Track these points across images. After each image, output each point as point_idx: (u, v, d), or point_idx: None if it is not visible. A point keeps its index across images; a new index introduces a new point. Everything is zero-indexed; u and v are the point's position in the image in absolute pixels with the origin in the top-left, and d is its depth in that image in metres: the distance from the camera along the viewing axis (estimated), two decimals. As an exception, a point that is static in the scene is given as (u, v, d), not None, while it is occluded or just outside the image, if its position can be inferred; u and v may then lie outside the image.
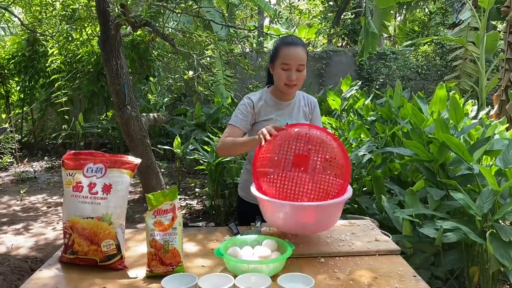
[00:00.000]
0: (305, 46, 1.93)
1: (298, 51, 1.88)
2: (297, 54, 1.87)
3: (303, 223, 1.51)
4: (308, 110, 2.06)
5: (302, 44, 1.92)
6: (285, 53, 1.88)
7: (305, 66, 1.91)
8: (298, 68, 1.88)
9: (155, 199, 1.39)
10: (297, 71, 1.89)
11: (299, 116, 2.03)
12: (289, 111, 2.02)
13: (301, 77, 1.91)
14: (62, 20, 6.59)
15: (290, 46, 1.88)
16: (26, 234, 4.11)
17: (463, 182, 2.33)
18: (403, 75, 8.87)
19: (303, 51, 1.90)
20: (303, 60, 1.89)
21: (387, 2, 6.56)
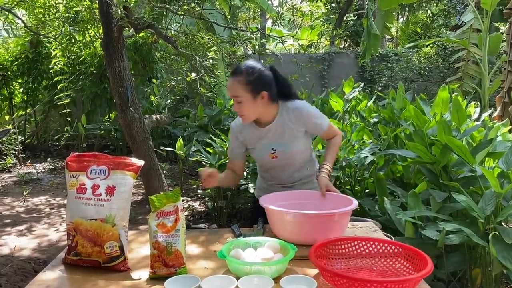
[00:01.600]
0: (242, 74, 1.79)
1: (231, 82, 1.81)
2: (229, 86, 1.81)
3: (311, 233, 1.52)
4: (296, 126, 1.90)
5: (238, 73, 1.80)
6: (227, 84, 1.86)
7: (241, 97, 1.79)
8: (235, 99, 1.81)
9: (158, 201, 1.40)
10: (236, 102, 1.81)
11: (283, 137, 1.91)
12: (272, 136, 1.92)
13: (241, 107, 1.81)
14: (65, 22, 6.62)
15: (230, 76, 1.83)
16: (29, 236, 4.12)
17: (466, 184, 2.33)
18: (406, 77, 8.87)
19: (237, 81, 1.79)
20: (234, 92, 1.79)
21: (389, 3, 6.56)
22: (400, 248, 1.38)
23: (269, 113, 1.90)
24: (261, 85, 1.81)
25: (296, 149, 1.94)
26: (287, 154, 1.93)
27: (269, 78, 1.85)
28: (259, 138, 1.95)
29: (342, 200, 1.72)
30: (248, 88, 1.78)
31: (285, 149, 1.92)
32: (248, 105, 1.81)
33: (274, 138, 1.92)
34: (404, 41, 13.09)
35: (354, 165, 3.11)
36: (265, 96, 1.82)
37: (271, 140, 1.93)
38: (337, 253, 1.42)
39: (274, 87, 1.86)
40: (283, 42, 5.13)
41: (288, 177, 2.01)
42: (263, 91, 1.81)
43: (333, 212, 1.56)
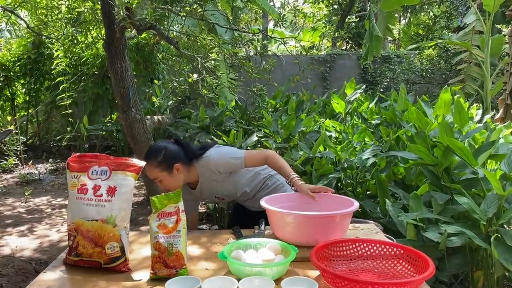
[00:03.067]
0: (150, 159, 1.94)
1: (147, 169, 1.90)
2: (147, 172, 1.95)
3: (312, 235, 1.52)
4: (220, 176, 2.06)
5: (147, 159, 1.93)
6: None
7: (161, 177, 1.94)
8: (156, 180, 1.98)
9: (159, 201, 1.40)
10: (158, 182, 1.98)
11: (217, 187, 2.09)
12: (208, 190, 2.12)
13: (166, 184, 1.97)
14: (67, 23, 6.63)
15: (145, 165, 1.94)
16: (30, 236, 4.12)
17: (468, 186, 2.32)
18: (408, 78, 8.86)
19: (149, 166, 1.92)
20: (152, 176, 1.96)
21: (391, 5, 6.55)
22: (402, 250, 1.37)
23: (192, 176, 2.06)
24: (171, 160, 1.97)
25: (235, 188, 2.12)
26: (229, 194, 2.14)
27: (175, 151, 2.02)
28: (199, 196, 2.19)
29: (343, 202, 1.72)
30: (161, 168, 1.94)
31: (226, 193, 2.13)
32: (169, 181, 1.97)
33: (210, 191, 2.14)
34: (406, 42, 13.07)
35: (355, 167, 3.11)
36: (179, 167, 1.98)
37: (209, 193, 2.15)
38: (338, 254, 1.42)
39: (183, 155, 2.02)
40: (285, 44, 5.13)
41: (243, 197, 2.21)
42: (175, 164, 1.97)
43: (334, 214, 1.56)
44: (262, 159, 2.02)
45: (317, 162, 3.17)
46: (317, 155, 3.20)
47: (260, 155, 2.03)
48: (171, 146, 2.01)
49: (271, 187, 2.19)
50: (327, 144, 3.20)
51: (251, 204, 2.25)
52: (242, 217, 2.22)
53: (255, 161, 2.04)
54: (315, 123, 4.22)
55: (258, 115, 5.57)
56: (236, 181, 2.11)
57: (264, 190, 2.19)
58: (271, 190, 2.17)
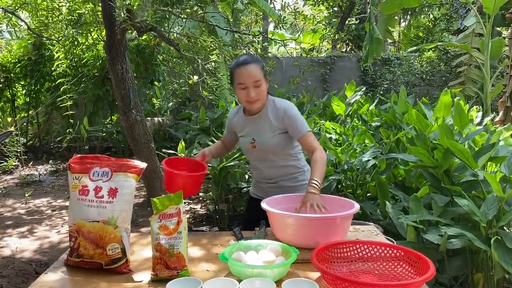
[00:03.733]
0: (258, 62, 1.95)
1: (250, 69, 1.91)
2: (249, 72, 1.91)
3: (313, 236, 1.52)
4: (278, 124, 1.98)
5: (254, 61, 1.94)
6: (239, 74, 1.93)
7: (261, 81, 1.92)
8: (254, 84, 1.92)
9: (160, 203, 1.40)
10: (255, 87, 1.92)
11: (265, 130, 2.01)
12: (255, 127, 2.04)
13: (260, 91, 1.94)
14: (68, 25, 6.64)
15: (243, 66, 1.92)
16: (30, 237, 4.12)
17: (468, 188, 2.33)
18: (408, 80, 8.87)
19: (256, 68, 1.92)
20: (257, 77, 1.91)
21: (391, 7, 6.58)
22: (402, 252, 1.38)
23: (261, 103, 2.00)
24: (265, 72, 1.98)
25: (273, 146, 2.01)
26: (264, 146, 2.02)
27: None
28: (244, 126, 2.09)
29: (343, 204, 1.72)
30: (263, 72, 1.94)
31: (262, 142, 2.01)
32: (264, 89, 1.96)
33: (255, 129, 2.04)
34: (406, 45, 13.09)
35: (356, 169, 3.11)
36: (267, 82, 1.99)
37: (252, 130, 2.05)
38: (339, 256, 1.42)
39: None
40: (285, 46, 5.14)
41: (268, 170, 2.10)
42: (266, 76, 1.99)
43: (335, 216, 1.56)
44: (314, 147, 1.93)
45: (318, 164, 3.17)
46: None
47: (317, 144, 1.96)
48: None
49: (297, 182, 2.09)
50: (328, 146, 3.21)
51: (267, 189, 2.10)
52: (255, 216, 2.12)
53: (310, 143, 1.95)
54: (316, 125, 4.22)
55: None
56: (282, 143, 2.01)
57: (289, 181, 2.08)
58: (295, 185, 2.07)
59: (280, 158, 2.06)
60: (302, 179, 2.09)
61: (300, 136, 1.96)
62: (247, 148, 2.08)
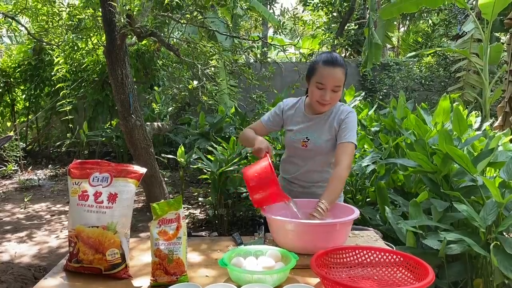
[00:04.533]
0: (344, 66, 1.89)
1: (336, 72, 1.85)
2: (334, 75, 1.84)
3: (313, 242, 1.52)
4: (336, 124, 1.95)
5: (341, 64, 1.87)
6: (322, 73, 1.86)
7: (341, 87, 1.88)
8: (334, 89, 1.87)
9: (160, 208, 1.40)
10: (332, 91, 1.87)
11: (323, 131, 1.96)
12: (314, 126, 1.99)
13: (336, 96, 1.89)
14: (68, 30, 6.66)
15: (328, 67, 1.85)
16: (29, 242, 4.12)
17: (467, 193, 2.33)
18: (407, 86, 8.89)
19: (341, 72, 1.86)
20: (339, 82, 1.86)
21: (390, 13, 6.60)
22: (402, 257, 1.38)
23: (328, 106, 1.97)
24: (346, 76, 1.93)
25: (326, 147, 1.96)
26: (317, 147, 1.97)
27: None
28: (301, 123, 2.02)
29: (343, 209, 1.72)
30: (344, 78, 1.90)
31: (317, 142, 1.96)
32: (340, 95, 1.92)
33: (313, 129, 1.99)
34: (405, 50, 13.13)
35: (355, 174, 3.12)
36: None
37: (309, 129, 1.99)
38: (338, 262, 1.42)
39: None
40: (284, 51, 5.15)
41: (309, 173, 2.03)
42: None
43: (335, 222, 1.56)
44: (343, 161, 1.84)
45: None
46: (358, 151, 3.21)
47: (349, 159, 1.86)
48: None
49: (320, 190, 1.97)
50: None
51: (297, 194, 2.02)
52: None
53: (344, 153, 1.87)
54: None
55: (258, 122, 5.57)
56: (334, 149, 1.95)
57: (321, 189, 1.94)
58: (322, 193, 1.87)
59: (325, 163, 2.01)
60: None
61: (341, 142, 1.89)
62: (296, 145, 2.00)
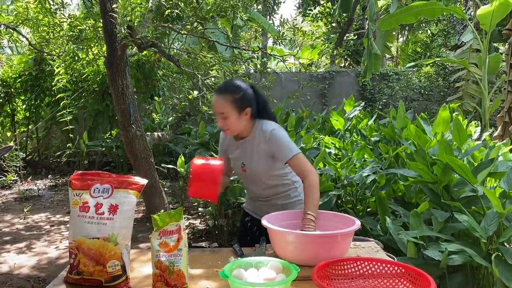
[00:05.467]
0: (230, 93, 1.89)
1: (217, 99, 1.90)
2: (215, 103, 1.91)
3: (314, 254, 1.52)
4: (265, 147, 1.97)
5: (224, 91, 1.91)
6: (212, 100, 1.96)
7: (228, 113, 1.88)
8: (220, 115, 1.91)
9: (160, 219, 1.40)
10: (222, 118, 1.91)
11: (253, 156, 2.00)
12: (244, 151, 2.04)
13: (228, 122, 1.91)
14: (69, 40, 6.70)
15: (215, 94, 1.93)
16: (28, 253, 4.10)
17: (468, 204, 2.33)
18: (406, 95, 8.92)
19: (225, 99, 1.88)
20: (221, 109, 1.89)
21: (389, 24, 6.65)
22: (403, 268, 1.37)
23: (247, 129, 2.01)
24: (246, 102, 1.93)
25: (262, 169, 2.02)
26: (254, 171, 2.04)
27: (252, 96, 1.98)
28: (234, 150, 2.10)
29: (344, 220, 1.72)
30: (234, 105, 1.90)
31: (252, 167, 2.03)
32: (233, 121, 1.92)
33: (244, 154, 2.05)
34: (404, 60, 13.20)
35: (355, 184, 3.11)
36: (248, 112, 1.95)
37: (242, 154, 2.06)
38: (339, 273, 1.42)
39: (255, 105, 1.98)
40: (284, 61, 5.19)
41: (260, 191, 2.12)
42: (247, 108, 1.94)
43: (336, 233, 1.56)
44: (305, 171, 1.89)
45: (317, 179, 3.17)
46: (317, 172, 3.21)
47: (308, 167, 1.90)
48: (250, 90, 1.97)
49: (289, 199, 2.09)
50: (327, 161, 3.21)
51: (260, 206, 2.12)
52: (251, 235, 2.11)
53: (299, 167, 1.91)
54: (315, 140, 4.23)
55: (258, 131, 5.58)
56: (272, 166, 2.00)
57: (281, 199, 2.08)
58: (287, 203, 2.07)
59: (271, 179, 2.07)
60: (294, 196, 2.12)
61: (287, 160, 1.93)
62: (239, 171, 2.10)
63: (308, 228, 1.71)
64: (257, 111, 2.00)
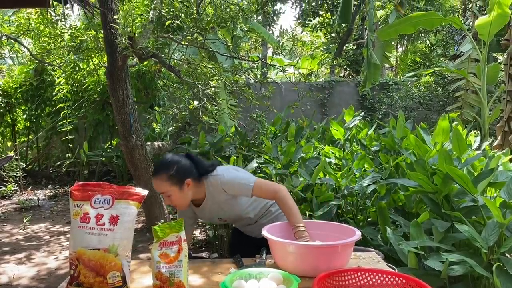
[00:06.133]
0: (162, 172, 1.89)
1: (154, 182, 1.91)
2: (156, 186, 1.92)
3: (315, 265, 1.52)
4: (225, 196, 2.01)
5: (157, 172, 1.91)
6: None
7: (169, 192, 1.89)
8: (164, 194, 1.92)
9: (161, 230, 1.40)
10: (165, 196, 1.92)
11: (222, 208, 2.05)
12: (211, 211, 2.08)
13: (173, 199, 1.91)
14: (70, 51, 6.74)
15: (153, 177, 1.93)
16: (28, 264, 4.08)
17: (468, 214, 2.33)
18: (406, 105, 8.95)
19: (159, 180, 1.89)
20: (163, 189, 1.89)
21: (388, 34, 6.69)
22: (404, 279, 1.37)
23: (199, 193, 2.01)
24: (183, 174, 1.92)
25: (238, 211, 2.08)
26: (232, 217, 2.12)
27: (188, 165, 1.97)
28: (202, 214, 2.14)
29: (345, 231, 1.72)
30: (172, 182, 1.88)
31: (229, 216, 2.10)
32: (177, 196, 1.91)
33: (214, 212, 2.09)
34: (404, 70, 13.26)
35: (356, 194, 3.11)
36: (189, 183, 1.93)
37: (212, 213, 2.10)
38: (340, 284, 1.42)
39: (195, 171, 1.97)
40: (284, 71, 5.21)
41: (245, 222, 2.21)
42: (186, 179, 1.92)
43: (336, 244, 1.56)
44: (271, 192, 1.94)
45: (317, 189, 3.17)
46: (317, 182, 3.21)
47: (270, 188, 1.95)
48: (184, 160, 1.97)
49: (274, 213, 2.16)
50: (327, 171, 3.21)
51: (251, 230, 2.22)
52: (242, 245, 2.21)
53: (264, 193, 1.97)
54: (315, 150, 4.24)
55: (258, 141, 5.61)
56: (241, 203, 2.06)
57: (266, 217, 2.16)
58: (274, 217, 2.15)
59: (249, 212, 2.13)
60: (276, 210, 2.18)
61: (250, 192, 1.95)
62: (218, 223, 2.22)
63: (304, 238, 1.74)
64: (199, 174, 1.99)
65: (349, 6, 10.29)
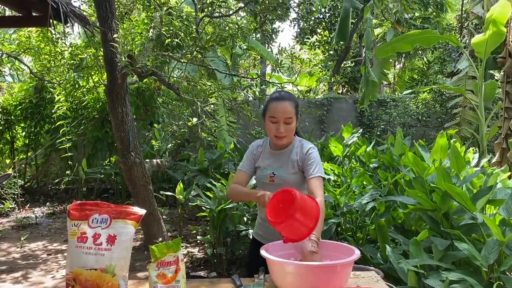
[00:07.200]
0: (293, 100, 2.05)
1: (285, 105, 2.02)
2: (284, 108, 2.01)
3: (313, 284, 1.51)
4: (298, 158, 2.08)
5: (289, 98, 2.06)
6: (273, 108, 2.03)
7: (293, 119, 2.02)
8: (286, 121, 2.02)
9: (158, 250, 1.39)
10: (285, 123, 2.01)
11: (287, 166, 2.09)
12: (278, 161, 2.11)
13: (289, 129, 2.03)
14: (69, 68, 6.79)
15: (277, 101, 2.04)
16: (24, 283, 4.04)
17: (467, 231, 2.32)
18: (404, 122, 8.98)
19: (291, 105, 2.02)
20: (290, 114, 2.01)
21: (386, 52, 6.75)
22: None
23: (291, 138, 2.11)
24: (298, 112, 2.09)
25: (292, 182, 2.05)
26: (283, 181, 2.07)
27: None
28: (266, 159, 2.15)
29: (344, 250, 1.71)
30: (296, 110, 2.05)
31: (282, 177, 2.08)
32: (293, 127, 2.05)
33: (277, 163, 2.11)
34: (401, 86, 13.35)
35: (355, 211, 3.10)
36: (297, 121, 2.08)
37: (274, 164, 2.12)
38: None
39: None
40: (282, 88, 5.24)
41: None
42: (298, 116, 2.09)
43: (335, 263, 1.55)
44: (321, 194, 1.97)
45: (317, 206, 3.16)
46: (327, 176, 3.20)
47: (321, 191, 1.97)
48: None
49: None
50: (326, 188, 3.21)
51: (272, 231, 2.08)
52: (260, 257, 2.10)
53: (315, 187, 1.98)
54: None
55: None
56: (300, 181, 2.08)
57: None
58: None
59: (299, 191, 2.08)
60: None
61: (310, 177, 2.00)
62: (264, 181, 2.13)
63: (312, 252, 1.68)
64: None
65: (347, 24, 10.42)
